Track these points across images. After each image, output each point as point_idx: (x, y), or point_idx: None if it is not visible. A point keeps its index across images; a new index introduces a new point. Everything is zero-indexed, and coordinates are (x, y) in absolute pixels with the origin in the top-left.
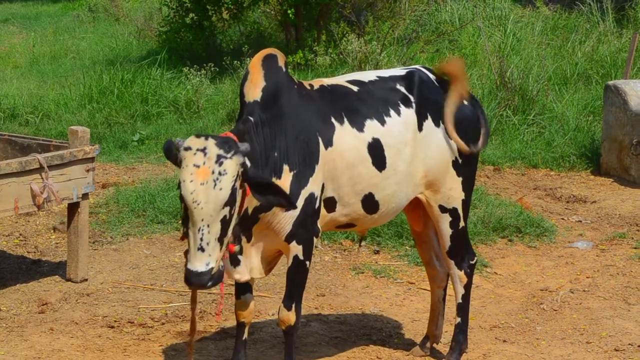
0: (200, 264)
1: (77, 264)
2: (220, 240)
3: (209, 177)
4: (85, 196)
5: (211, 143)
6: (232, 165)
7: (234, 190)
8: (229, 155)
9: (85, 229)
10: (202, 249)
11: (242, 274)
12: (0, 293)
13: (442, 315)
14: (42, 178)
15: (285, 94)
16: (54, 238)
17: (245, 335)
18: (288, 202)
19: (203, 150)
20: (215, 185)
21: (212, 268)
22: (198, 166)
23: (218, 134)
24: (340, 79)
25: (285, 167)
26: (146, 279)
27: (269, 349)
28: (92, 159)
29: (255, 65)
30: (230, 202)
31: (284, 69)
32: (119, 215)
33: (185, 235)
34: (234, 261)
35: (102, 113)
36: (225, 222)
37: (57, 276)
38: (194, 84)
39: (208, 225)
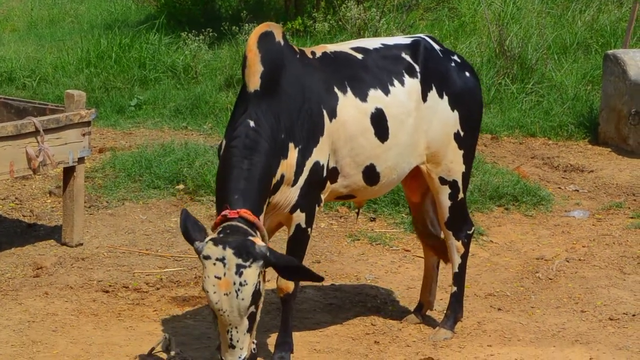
0: (233, 358)
1: (73, 228)
2: (251, 329)
3: (231, 288)
4: (81, 160)
5: (229, 253)
6: (252, 274)
7: (257, 291)
8: (247, 264)
9: (81, 193)
10: (233, 347)
11: None
12: None
13: (436, 282)
14: (37, 142)
15: (286, 70)
16: (49, 202)
17: None
18: (316, 278)
19: (222, 260)
20: (237, 295)
21: (246, 358)
22: (219, 278)
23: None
24: (344, 46)
25: (290, 145)
26: (141, 244)
27: (264, 316)
28: (88, 123)
29: (251, 48)
30: (255, 301)
31: (282, 43)
32: (115, 180)
33: (215, 326)
34: None
35: (100, 77)
36: (253, 316)
37: (52, 240)
38: (192, 49)
39: (236, 327)
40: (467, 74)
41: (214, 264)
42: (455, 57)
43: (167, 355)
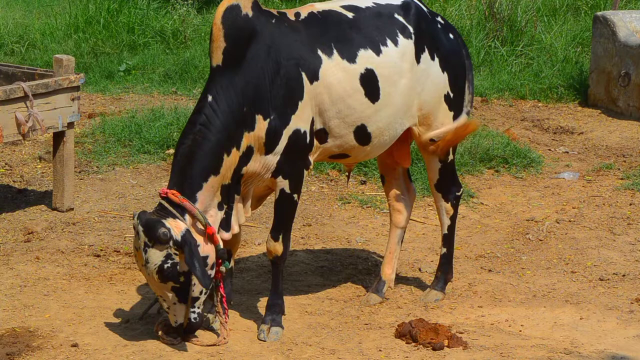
0: (171, 321)
1: (63, 193)
2: (182, 300)
3: (142, 261)
4: (70, 125)
5: (141, 229)
6: (153, 255)
7: (167, 271)
8: (150, 244)
9: (71, 158)
10: (167, 312)
11: (233, 229)
12: None
13: (397, 257)
14: (27, 107)
15: (256, 41)
16: (39, 167)
17: (231, 264)
18: (202, 281)
19: (138, 234)
20: (147, 269)
21: (181, 324)
22: (137, 249)
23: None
24: (335, 4)
25: (259, 117)
26: (132, 208)
27: (255, 278)
28: (77, 88)
29: (216, 23)
30: (169, 278)
31: (250, 14)
32: (105, 145)
33: None
34: (224, 222)
35: (89, 43)
36: (177, 289)
37: (43, 205)
38: (180, 13)
39: (161, 296)
40: (451, 35)
41: (135, 235)
42: (440, 19)
43: (159, 318)
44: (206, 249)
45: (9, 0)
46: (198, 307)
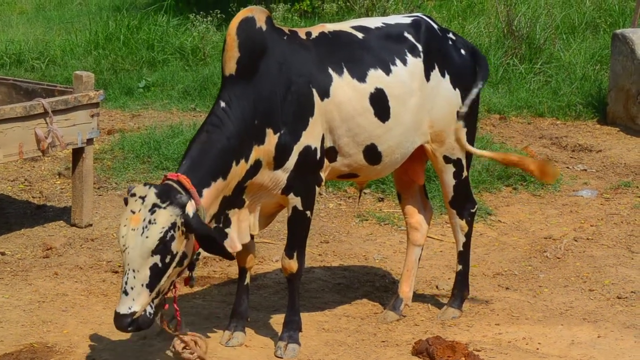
0: (122, 306)
1: (82, 209)
2: (150, 286)
3: (140, 224)
4: (89, 141)
5: (151, 192)
6: (163, 215)
7: (166, 241)
8: (163, 205)
9: (90, 174)
10: (126, 292)
11: (234, 246)
12: (5, 237)
13: (415, 275)
14: (46, 123)
15: (268, 55)
16: (58, 183)
17: (247, 281)
18: (227, 256)
19: (143, 197)
20: (142, 232)
21: (135, 312)
22: (134, 212)
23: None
24: (345, 25)
25: (269, 131)
26: None
27: (272, 295)
28: (96, 104)
29: (230, 33)
30: (161, 251)
31: (264, 28)
32: (124, 161)
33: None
34: (223, 237)
35: (108, 59)
36: (156, 270)
37: (61, 221)
38: (200, 30)
39: (134, 270)
40: (463, 51)
41: (135, 200)
42: (451, 35)
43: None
44: (189, 246)
45: (29, 17)
46: (155, 305)
